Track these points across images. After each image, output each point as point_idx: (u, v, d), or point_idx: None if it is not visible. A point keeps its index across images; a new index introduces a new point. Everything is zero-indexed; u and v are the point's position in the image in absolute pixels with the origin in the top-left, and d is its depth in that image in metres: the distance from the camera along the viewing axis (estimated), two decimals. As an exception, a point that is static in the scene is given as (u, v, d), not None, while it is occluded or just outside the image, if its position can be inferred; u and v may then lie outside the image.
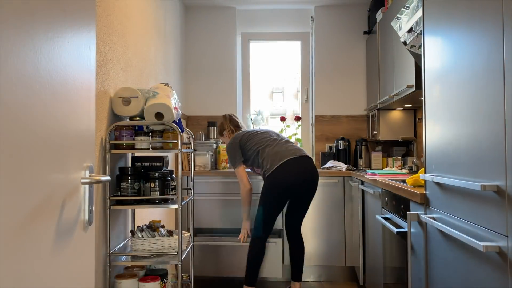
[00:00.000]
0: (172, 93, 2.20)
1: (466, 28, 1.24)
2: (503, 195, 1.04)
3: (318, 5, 3.92)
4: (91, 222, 1.15)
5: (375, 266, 2.48)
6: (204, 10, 3.96)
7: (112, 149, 2.01)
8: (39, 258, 0.89)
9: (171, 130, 2.11)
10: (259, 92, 4.15)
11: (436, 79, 1.50)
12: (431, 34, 1.55)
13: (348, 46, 3.90)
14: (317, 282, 3.25)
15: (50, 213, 0.93)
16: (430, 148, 1.56)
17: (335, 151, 3.74)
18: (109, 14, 2.03)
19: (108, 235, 1.97)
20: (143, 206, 2.02)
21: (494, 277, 1.08)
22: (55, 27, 0.96)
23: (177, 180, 2.08)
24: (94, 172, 1.18)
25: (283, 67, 4.15)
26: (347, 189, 3.26)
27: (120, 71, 2.19)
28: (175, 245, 2.08)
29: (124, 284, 2.02)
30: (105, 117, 1.99)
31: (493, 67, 1.08)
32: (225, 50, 3.95)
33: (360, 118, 3.88)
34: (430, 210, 1.54)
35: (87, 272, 1.16)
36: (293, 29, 4.02)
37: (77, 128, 1.09)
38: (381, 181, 2.19)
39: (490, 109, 1.10)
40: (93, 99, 1.21)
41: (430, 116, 1.56)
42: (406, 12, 2.21)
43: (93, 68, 1.21)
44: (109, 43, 2.03)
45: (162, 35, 3.07)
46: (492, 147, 1.09)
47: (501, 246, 1.05)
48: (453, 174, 1.35)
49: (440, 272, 1.45)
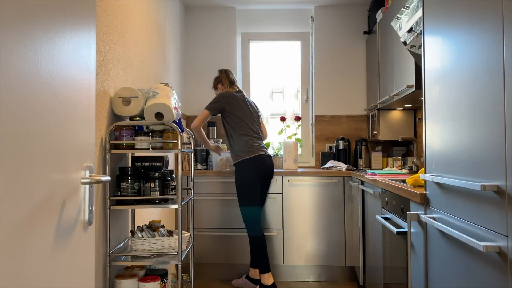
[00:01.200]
0: (172, 93, 2.20)
1: (466, 28, 1.24)
2: (503, 195, 1.04)
3: (318, 5, 3.92)
4: (91, 222, 1.15)
5: (375, 266, 2.48)
6: (204, 10, 3.96)
7: (112, 149, 2.01)
8: (39, 258, 0.89)
9: (171, 130, 2.11)
10: (259, 92, 4.15)
11: (436, 79, 1.50)
12: (431, 34, 1.55)
13: (348, 46, 3.90)
14: (317, 282, 3.25)
15: (50, 213, 0.93)
16: (430, 148, 1.56)
17: (335, 151, 3.74)
18: (109, 14, 2.03)
19: (108, 235, 1.97)
20: (143, 206, 2.02)
21: (494, 277, 1.08)
22: (55, 27, 0.96)
23: (177, 180, 2.08)
24: (94, 172, 1.18)
25: (283, 67, 4.15)
26: (347, 189, 3.26)
27: (120, 71, 2.19)
28: (175, 245, 2.08)
29: (124, 284, 2.02)
30: (105, 117, 1.99)
31: (493, 67, 1.08)
32: (225, 50, 3.96)
33: (360, 118, 3.88)
34: (430, 210, 1.54)
35: (87, 272, 1.16)
36: (293, 29, 4.03)
37: (77, 128, 1.09)
38: (381, 181, 2.19)
39: (490, 109, 1.10)
40: (93, 99, 1.21)
41: (430, 116, 1.56)
42: (406, 12, 2.21)
43: (93, 68, 1.21)
44: (109, 43, 2.03)
45: (162, 35, 3.07)
46: (492, 147, 1.09)
47: (501, 246, 1.05)
48: (453, 174, 1.35)
49: (440, 272, 1.45)
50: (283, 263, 3.26)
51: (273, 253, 3.26)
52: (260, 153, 2.90)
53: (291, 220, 3.26)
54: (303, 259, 3.25)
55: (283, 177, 3.28)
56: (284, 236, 3.26)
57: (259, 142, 2.97)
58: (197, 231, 3.31)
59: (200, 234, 3.31)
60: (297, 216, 3.26)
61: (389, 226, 1.96)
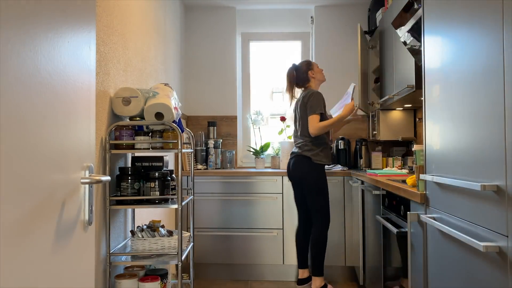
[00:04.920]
0: (172, 93, 2.20)
1: (466, 28, 1.24)
2: (503, 195, 1.04)
3: (318, 5, 3.92)
4: (91, 222, 1.15)
5: (375, 266, 2.48)
6: (204, 10, 3.96)
7: (112, 149, 2.01)
8: (39, 258, 0.89)
9: (171, 130, 2.11)
10: (259, 92, 4.14)
11: (436, 79, 1.50)
12: (431, 34, 1.55)
13: (348, 46, 3.90)
14: (317, 282, 3.25)
15: (50, 213, 0.93)
16: (430, 148, 1.56)
17: (335, 151, 3.73)
18: (109, 14, 2.03)
19: (108, 235, 1.97)
20: (143, 206, 2.02)
21: (494, 277, 1.08)
22: (55, 27, 0.96)
23: (177, 180, 2.08)
24: (94, 172, 1.18)
25: (283, 67, 4.15)
26: (347, 189, 3.26)
27: (120, 71, 2.19)
28: (175, 245, 2.08)
29: (124, 284, 2.02)
30: (105, 117, 1.99)
31: (493, 67, 1.08)
32: (225, 50, 3.96)
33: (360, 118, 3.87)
34: (430, 210, 1.54)
35: (87, 272, 1.16)
36: (293, 29, 4.02)
37: (77, 128, 1.09)
38: (381, 181, 2.19)
39: (490, 108, 1.10)
40: (93, 99, 1.21)
41: (430, 116, 1.56)
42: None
43: (93, 68, 1.21)
44: (109, 43, 2.03)
45: (162, 35, 3.07)
46: (492, 147, 1.09)
47: (501, 246, 1.05)
48: (453, 174, 1.35)
49: (440, 272, 1.45)
50: (283, 263, 3.26)
51: (273, 253, 3.26)
52: None
53: (291, 220, 3.26)
54: (303, 259, 3.25)
55: (283, 177, 3.28)
56: (284, 236, 3.26)
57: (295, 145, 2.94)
58: (197, 231, 3.31)
59: (200, 234, 3.31)
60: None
61: (389, 226, 1.96)
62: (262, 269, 3.29)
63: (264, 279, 3.29)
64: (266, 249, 3.27)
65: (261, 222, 3.28)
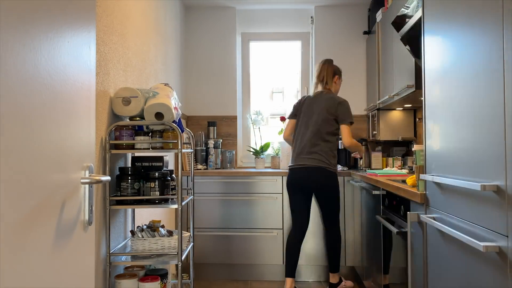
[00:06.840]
0: (172, 93, 2.20)
1: (466, 28, 1.24)
2: (503, 195, 1.04)
3: (318, 5, 3.92)
4: (91, 222, 1.15)
5: (375, 266, 2.48)
6: (204, 10, 3.96)
7: (112, 149, 2.01)
8: (39, 258, 0.89)
9: (171, 130, 2.11)
10: (259, 92, 4.14)
11: (436, 79, 1.50)
12: (431, 34, 1.55)
13: (348, 46, 3.90)
14: (317, 282, 3.25)
15: (50, 213, 0.93)
16: (430, 148, 1.56)
17: (335, 151, 3.73)
18: (109, 14, 2.03)
19: (108, 235, 1.97)
20: (143, 206, 2.02)
21: (494, 277, 1.08)
22: (55, 27, 0.96)
23: (177, 180, 2.08)
24: (94, 172, 1.18)
25: (283, 67, 4.15)
26: (347, 189, 3.26)
27: (120, 71, 2.19)
28: (175, 245, 2.08)
29: (124, 284, 2.02)
30: (105, 117, 1.99)
31: (493, 67, 1.08)
32: (225, 50, 3.96)
33: (360, 118, 3.88)
34: (430, 210, 1.54)
35: (87, 272, 1.16)
36: (293, 29, 4.02)
37: (77, 128, 1.09)
38: (381, 181, 2.19)
39: (490, 109, 1.10)
40: (93, 99, 1.21)
41: (430, 116, 1.56)
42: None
43: (93, 68, 1.21)
44: (109, 43, 2.03)
45: (162, 35, 3.07)
46: (492, 147, 1.09)
47: (501, 246, 1.05)
48: (453, 174, 1.35)
49: (440, 272, 1.45)
50: (283, 263, 3.25)
51: (273, 253, 3.26)
52: (292, 166, 2.85)
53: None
54: (303, 259, 3.25)
55: (283, 177, 3.28)
56: (284, 236, 3.26)
57: (302, 152, 2.83)
58: (197, 231, 3.31)
59: (200, 234, 3.31)
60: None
61: (389, 226, 1.96)
62: (262, 269, 3.29)
63: (264, 279, 3.29)
64: (266, 249, 3.27)
65: (261, 222, 3.28)
